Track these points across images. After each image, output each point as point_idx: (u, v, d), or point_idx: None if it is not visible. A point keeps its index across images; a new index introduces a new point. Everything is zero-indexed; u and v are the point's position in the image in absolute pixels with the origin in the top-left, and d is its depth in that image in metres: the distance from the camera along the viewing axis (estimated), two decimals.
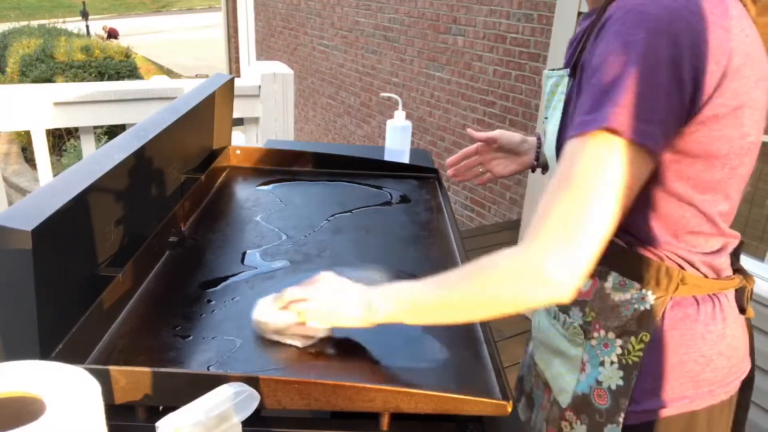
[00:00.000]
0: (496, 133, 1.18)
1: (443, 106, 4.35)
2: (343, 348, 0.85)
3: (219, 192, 1.40)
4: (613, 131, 0.65)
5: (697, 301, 0.81)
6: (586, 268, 0.66)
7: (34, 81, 6.58)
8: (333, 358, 0.83)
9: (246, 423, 0.61)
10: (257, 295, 0.98)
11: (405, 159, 1.65)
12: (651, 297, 0.80)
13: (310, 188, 1.45)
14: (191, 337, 0.86)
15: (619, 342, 0.83)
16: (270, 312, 0.83)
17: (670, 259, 0.80)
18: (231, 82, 1.59)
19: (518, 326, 2.56)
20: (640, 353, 0.81)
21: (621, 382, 0.82)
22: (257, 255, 1.11)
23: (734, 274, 0.87)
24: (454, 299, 0.72)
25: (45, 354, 0.73)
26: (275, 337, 0.83)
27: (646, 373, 0.81)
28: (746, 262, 2.21)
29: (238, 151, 1.56)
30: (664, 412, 0.83)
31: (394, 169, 1.56)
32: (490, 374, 0.80)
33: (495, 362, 0.81)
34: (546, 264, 0.65)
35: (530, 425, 1.03)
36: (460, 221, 4.23)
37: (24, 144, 6.69)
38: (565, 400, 0.89)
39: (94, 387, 0.51)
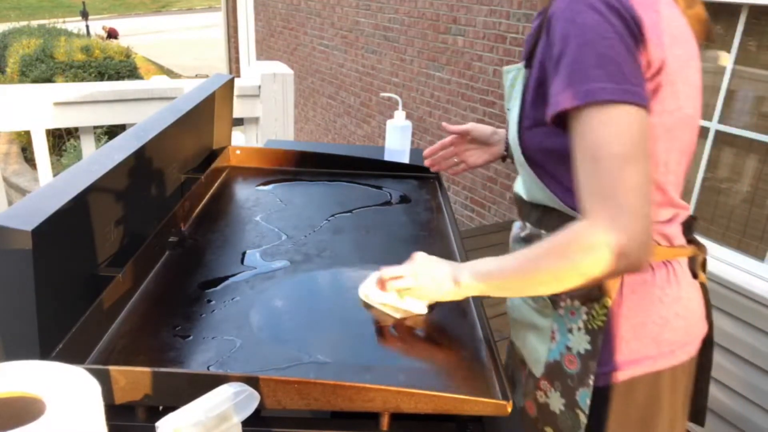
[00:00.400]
0: (469, 125, 1.26)
1: (443, 106, 4.35)
2: (343, 348, 0.85)
3: (219, 192, 1.40)
4: (602, 100, 0.71)
5: (652, 267, 0.88)
6: (649, 226, 0.71)
7: (34, 81, 6.58)
8: (333, 358, 0.83)
9: (246, 423, 0.61)
10: (257, 295, 0.98)
11: (405, 159, 1.65)
12: None
13: (310, 188, 1.45)
14: (191, 337, 0.86)
15: (584, 309, 0.88)
16: (374, 290, 0.94)
17: None
18: (231, 82, 1.59)
19: None
20: (604, 318, 0.87)
21: (588, 347, 0.88)
22: (257, 255, 1.11)
23: (688, 244, 0.94)
24: (538, 274, 0.77)
25: (45, 354, 0.74)
26: (380, 307, 0.94)
27: (610, 336, 0.88)
28: (746, 262, 2.22)
29: (238, 151, 1.56)
30: (631, 372, 0.89)
31: (394, 169, 1.56)
32: (490, 374, 0.81)
33: (495, 362, 0.81)
34: (614, 229, 0.70)
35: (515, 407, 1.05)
36: (460, 221, 4.23)
37: (24, 144, 6.69)
38: (538, 370, 0.95)
39: (94, 387, 0.51)
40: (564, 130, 0.77)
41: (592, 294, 0.87)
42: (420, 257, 0.91)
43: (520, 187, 0.98)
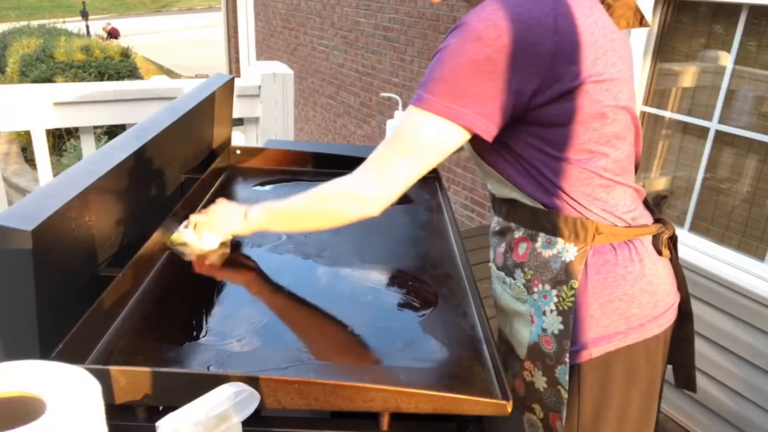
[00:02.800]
0: None
1: None
2: (343, 348, 0.86)
3: (219, 192, 1.39)
4: (427, 109, 0.85)
5: (614, 247, 0.95)
6: (388, 199, 0.91)
7: (34, 81, 6.58)
8: (333, 358, 0.83)
9: (246, 423, 0.61)
10: (257, 295, 0.98)
11: None
12: (573, 249, 0.94)
13: (310, 188, 1.45)
14: (191, 337, 0.86)
15: (554, 292, 0.95)
16: (179, 231, 1.11)
17: (582, 214, 0.93)
18: (231, 82, 1.59)
19: None
20: (573, 299, 0.93)
21: (561, 326, 0.95)
22: (257, 255, 1.11)
23: (655, 223, 1.01)
24: (299, 210, 0.99)
25: (45, 354, 0.74)
26: (180, 249, 1.10)
27: (580, 315, 0.94)
28: (746, 262, 2.22)
29: (238, 151, 1.56)
30: (604, 348, 0.95)
31: None
32: (490, 374, 0.81)
33: (495, 362, 0.81)
34: (363, 189, 0.91)
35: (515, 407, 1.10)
36: (460, 221, 4.23)
37: (24, 144, 6.69)
38: (522, 352, 1.01)
39: (95, 387, 0.51)
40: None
41: (560, 277, 0.94)
42: (220, 201, 1.10)
43: (489, 184, 1.06)
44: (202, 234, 1.08)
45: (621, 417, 0.99)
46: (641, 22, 0.99)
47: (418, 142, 0.87)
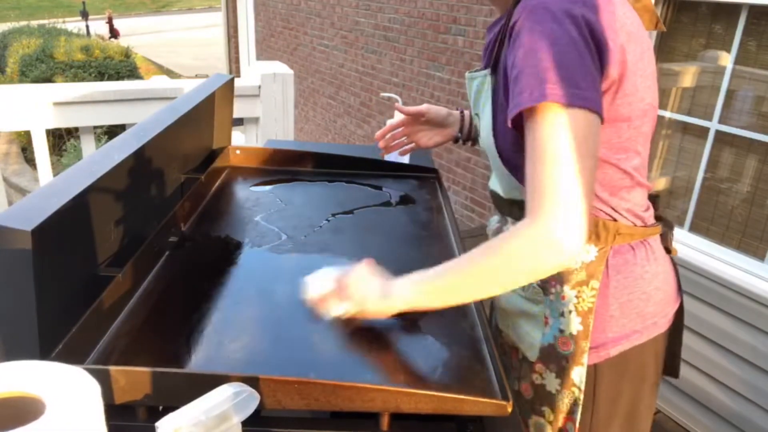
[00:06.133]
0: (424, 107, 1.30)
1: (443, 106, 4.34)
2: (344, 348, 0.85)
3: (219, 192, 1.40)
4: (554, 102, 0.76)
5: (632, 247, 0.95)
6: (585, 223, 0.74)
7: (34, 81, 6.57)
8: (333, 358, 0.83)
9: (246, 423, 0.61)
10: (257, 295, 0.98)
11: (405, 159, 1.65)
12: (593, 249, 0.93)
13: (310, 188, 1.45)
14: (191, 337, 0.85)
15: (574, 293, 0.94)
16: (314, 282, 0.92)
17: (606, 213, 0.92)
18: (231, 82, 1.59)
19: None
20: (593, 299, 0.92)
21: (580, 327, 0.93)
22: (257, 255, 1.11)
23: (657, 221, 1.01)
24: (475, 276, 0.80)
25: (45, 354, 0.73)
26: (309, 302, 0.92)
27: (600, 315, 0.94)
28: (746, 262, 2.22)
29: (238, 151, 1.56)
30: (621, 347, 0.95)
31: (394, 169, 1.56)
32: (490, 374, 0.80)
33: (495, 362, 0.81)
34: (556, 232, 0.73)
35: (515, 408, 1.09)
36: (460, 221, 4.23)
37: (24, 144, 6.69)
38: (533, 354, 0.99)
39: (94, 387, 0.51)
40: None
41: (580, 278, 0.93)
42: (355, 271, 0.89)
43: (496, 184, 1.03)
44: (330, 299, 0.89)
45: (631, 413, 1.00)
46: (656, 25, 0.99)
47: (565, 142, 0.76)
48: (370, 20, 5.01)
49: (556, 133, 0.76)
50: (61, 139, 6.07)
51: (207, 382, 0.66)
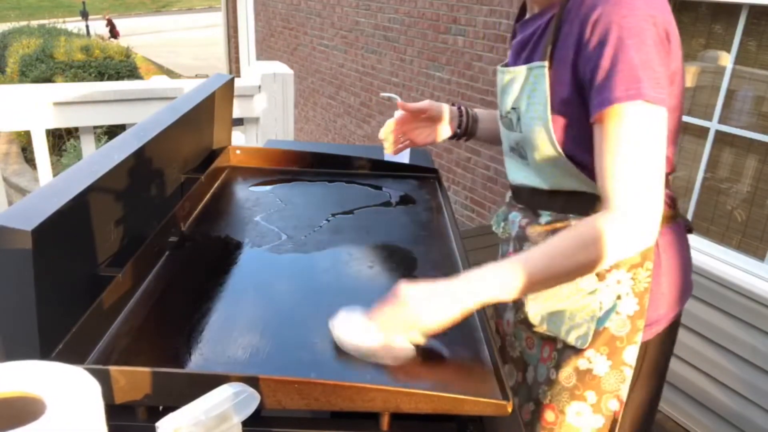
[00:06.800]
0: (426, 103, 1.29)
1: None
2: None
3: (219, 192, 1.40)
4: (646, 101, 0.81)
5: (671, 228, 1.01)
6: (660, 216, 0.84)
7: (34, 81, 6.57)
8: (333, 358, 0.83)
9: (246, 423, 0.61)
10: (257, 295, 0.98)
11: (405, 159, 1.65)
12: None
13: (310, 188, 1.45)
14: (191, 337, 0.85)
15: (629, 275, 0.97)
16: (354, 332, 0.80)
17: None
18: (231, 82, 1.59)
19: None
20: (648, 279, 0.97)
21: (637, 308, 0.97)
22: (257, 255, 1.11)
23: None
24: (567, 269, 0.85)
25: (45, 354, 0.73)
26: (364, 358, 0.79)
27: (654, 294, 0.98)
28: (746, 262, 2.22)
29: (238, 151, 1.56)
30: (665, 323, 1.02)
31: (394, 169, 1.56)
32: (490, 374, 0.81)
33: (495, 362, 0.81)
34: (647, 223, 0.83)
35: (526, 384, 1.11)
36: (460, 221, 4.23)
37: (24, 144, 6.69)
38: (584, 341, 0.99)
39: (94, 387, 0.51)
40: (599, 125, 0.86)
41: (635, 261, 0.96)
42: (404, 291, 0.81)
43: (531, 178, 1.03)
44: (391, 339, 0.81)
45: (663, 378, 1.08)
46: None
47: (651, 139, 0.83)
48: (370, 20, 5.01)
49: (645, 129, 0.82)
50: (61, 139, 6.07)
51: (207, 382, 0.66)
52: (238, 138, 2.53)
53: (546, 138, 0.95)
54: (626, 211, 0.83)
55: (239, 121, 2.48)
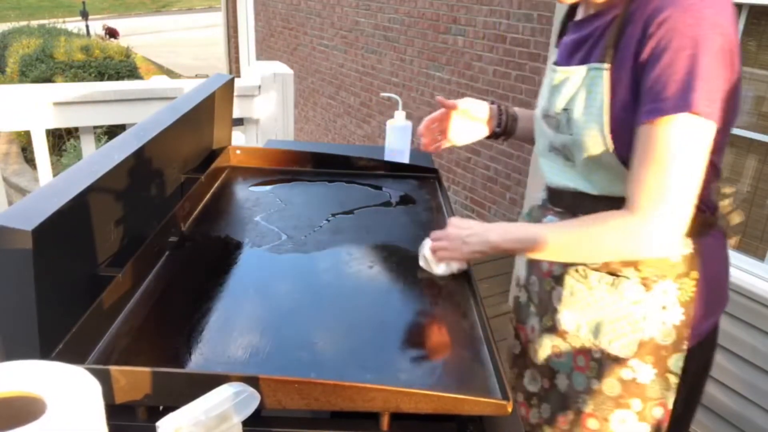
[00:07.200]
0: (465, 101, 1.26)
1: None
2: (344, 348, 0.85)
3: (219, 192, 1.40)
4: (696, 113, 0.81)
5: (713, 235, 1.00)
6: (682, 228, 0.86)
7: (34, 81, 6.57)
8: (333, 358, 0.83)
9: (246, 423, 0.61)
10: (257, 296, 0.98)
11: (405, 159, 1.65)
12: (691, 242, 0.95)
13: (310, 188, 1.45)
14: (191, 337, 0.86)
15: (676, 285, 0.96)
16: (424, 253, 1.07)
17: (704, 204, 0.95)
18: (231, 82, 1.59)
19: None
20: (694, 288, 0.96)
21: (683, 317, 0.97)
22: (257, 255, 1.11)
23: None
24: (563, 240, 0.95)
25: (45, 354, 0.74)
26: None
27: (699, 303, 0.97)
28: (746, 261, 2.22)
29: (238, 151, 1.56)
30: (707, 328, 1.01)
31: (394, 169, 1.56)
32: (490, 374, 0.81)
33: (495, 362, 0.81)
34: (660, 232, 0.85)
35: (556, 391, 1.09)
36: None
37: (24, 144, 6.68)
38: (629, 351, 0.99)
39: (95, 387, 0.51)
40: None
41: (681, 270, 0.96)
42: (453, 226, 1.04)
43: (578, 181, 1.01)
44: (438, 262, 1.05)
45: (700, 393, 1.08)
46: None
47: (694, 152, 0.83)
48: (370, 20, 5.02)
49: (687, 142, 0.82)
50: (61, 139, 6.07)
51: (207, 382, 0.66)
52: (238, 138, 2.53)
53: (600, 142, 0.92)
54: (634, 211, 0.86)
55: (239, 121, 2.48)
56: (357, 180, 1.50)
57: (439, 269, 1.05)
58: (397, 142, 1.64)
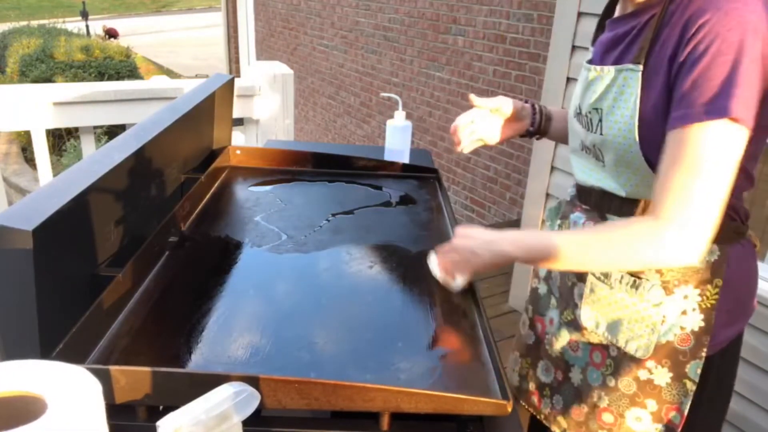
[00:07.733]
0: (498, 99, 1.21)
1: (443, 106, 4.35)
2: (344, 348, 0.86)
3: (219, 192, 1.40)
4: (732, 120, 0.78)
5: (742, 244, 0.98)
6: (708, 236, 0.82)
7: (34, 81, 6.57)
8: (333, 358, 0.83)
9: (246, 423, 0.61)
10: (257, 296, 0.98)
11: (405, 159, 1.65)
12: (717, 249, 0.94)
13: (310, 188, 1.45)
14: (191, 337, 0.86)
15: (697, 291, 0.95)
16: (433, 269, 1.02)
17: (735, 211, 0.95)
18: (231, 82, 1.59)
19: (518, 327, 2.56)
20: (717, 296, 0.94)
21: (702, 324, 0.95)
22: (257, 255, 1.11)
23: None
24: (579, 245, 0.90)
25: (45, 353, 0.74)
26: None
27: (721, 311, 0.96)
28: None
29: (238, 151, 1.56)
30: (729, 337, 1.00)
31: (394, 169, 1.56)
32: (490, 374, 0.81)
33: (495, 362, 0.81)
34: (684, 239, 0.82)
35: (570, 384, 1.10)
36: (460, 221, 4.23)
37: (24, 144, 6.69)
38: (645, 353, 0.99)
39: (95, 386, 0.51)
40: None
41: (704, 276, 0.95)
42: (461, 237, 0.97)
43: (608, 182, 1.00)
44: (451, 275, 0.99)
45: (728, 393, 1.07)
46: None
47: (726, 160, 0.81)
48: (370, 20, 5.02)
49: (721, 149, 0.80)
50: (61, 139, 6.07)
51: (207, 382, 0.66)
52: (238, 138, 2.53)
53: (630, 143, 0.91)
54: (658, 216, 0.83)
55: (239, 121, 2.48)
56: (357, 180, 1.50)
57: (456, 284, 0.99)
58: (397, 142, 1.64)
